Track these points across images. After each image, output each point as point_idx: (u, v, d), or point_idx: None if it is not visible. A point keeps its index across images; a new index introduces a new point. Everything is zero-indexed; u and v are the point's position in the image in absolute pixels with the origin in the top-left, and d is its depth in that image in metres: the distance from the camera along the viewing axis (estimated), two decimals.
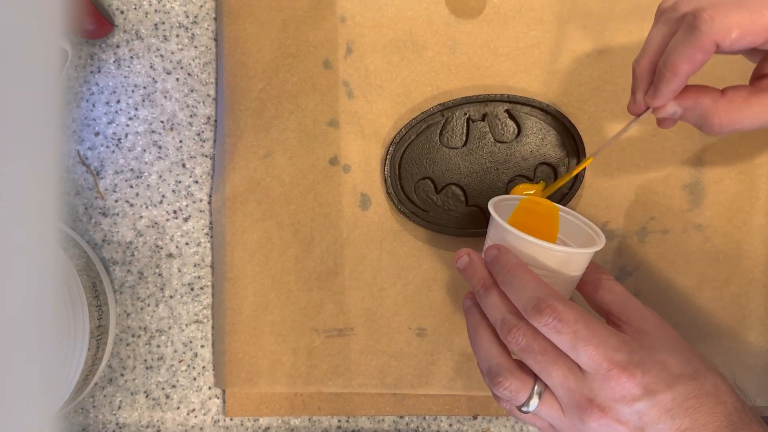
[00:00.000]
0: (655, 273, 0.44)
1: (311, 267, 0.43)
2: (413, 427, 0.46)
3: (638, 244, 0.43)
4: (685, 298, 0.44)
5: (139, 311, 0.45)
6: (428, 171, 0.42)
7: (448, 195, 0.43)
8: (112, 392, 0.45)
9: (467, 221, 0.43)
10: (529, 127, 0.42)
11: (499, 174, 0.42)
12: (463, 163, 0.42)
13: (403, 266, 0.43)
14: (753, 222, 0.43)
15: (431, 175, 0.42)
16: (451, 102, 0.42)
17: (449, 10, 0.42)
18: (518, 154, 0.42)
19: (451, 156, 0.42)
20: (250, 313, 0.43)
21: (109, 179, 0.44)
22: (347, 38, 0.43)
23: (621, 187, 0.43)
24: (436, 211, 0.42)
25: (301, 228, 0.43)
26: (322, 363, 0.43)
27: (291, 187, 0.43)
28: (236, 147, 0.43)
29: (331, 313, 0.43)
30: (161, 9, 0.44)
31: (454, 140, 0.42)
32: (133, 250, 0.44)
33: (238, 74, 0.42)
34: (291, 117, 0.43)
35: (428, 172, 0.42)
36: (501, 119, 0.42)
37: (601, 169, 0.43)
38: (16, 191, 0.17)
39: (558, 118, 0.42)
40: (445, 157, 0.42)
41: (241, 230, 0.43)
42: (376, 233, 0.43)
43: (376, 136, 0.43)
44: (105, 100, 0.44)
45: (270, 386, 0.43)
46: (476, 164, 0.42)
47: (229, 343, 0.43)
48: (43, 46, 0.18)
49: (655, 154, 0.43)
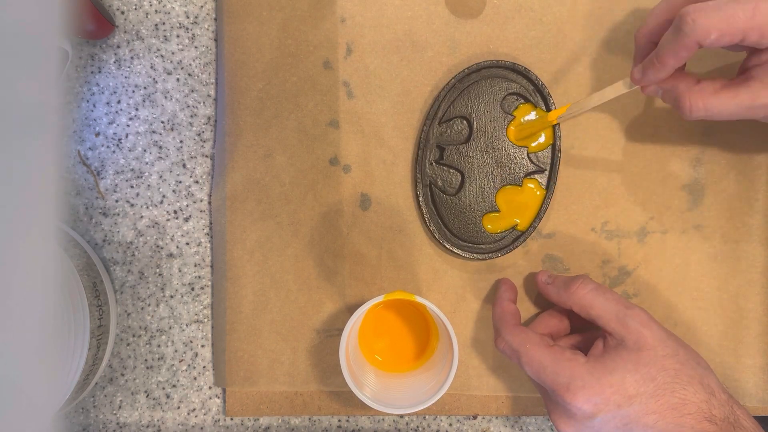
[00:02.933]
0: (655, 273, 0.44)
1: (311, 266, 0.43)
2: (413, 427, 0.46)
3: (638, 244, 0.44)
4: (684, 298, 0.44)
5: (140, 311, 0.45)
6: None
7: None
8: (113, 392, 0.45)
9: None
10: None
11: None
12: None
13: (403, 266, 0.43)
14: (752, 223, 0.43)
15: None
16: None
17: (449, 10, 0.43)
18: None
19: None
20: (250, 312, 0.43)
21: (109, 179, 0.44)
22: (347, 38, 0.43)
23: (620, 187, 0.43)
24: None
25: (300, 228, 0.43)
26: (321, 362, 0.44)
27: (291, 186, 0.43)
28: (236, 146, 0.43)
29: (331, 312, 0.43)
30: (162, 9, 0.44)
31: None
32: (133, 250, 0.44)
33: (238, 74, 0.42)
34: (291, 117, 0.43)
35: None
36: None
37: (601, 168, 0.43)
38: (17, 191, 0.17)
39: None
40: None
41: (240, 229, 0.43)
42: (375, 233, 0.43)
43: (376, 136, 0.43)
44: (105, 100, 0.44)
45: (269, 385, 0.43)
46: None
47: (229, 342, 0.43)
48: (43, 46, 0.18)
49: (654, 155, 0.43)
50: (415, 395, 0.38)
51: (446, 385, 0.37)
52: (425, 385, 0.39)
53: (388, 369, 0.42)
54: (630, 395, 0.35)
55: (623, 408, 0.35)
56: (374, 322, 0.43)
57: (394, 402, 0.37)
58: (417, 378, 0.40)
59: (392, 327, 0.43)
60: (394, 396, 0.39)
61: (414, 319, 0.43)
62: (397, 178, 0.43)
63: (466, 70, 0.42)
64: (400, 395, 0.39)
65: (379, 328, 0.43)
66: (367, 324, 0.43)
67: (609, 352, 0.36)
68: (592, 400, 0.35)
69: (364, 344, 0.43)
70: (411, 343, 0.43)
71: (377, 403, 0.37)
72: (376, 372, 0.41)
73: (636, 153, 0.43)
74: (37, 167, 0.18)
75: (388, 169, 0.43)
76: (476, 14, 0.43)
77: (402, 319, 0.43)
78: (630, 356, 0.36)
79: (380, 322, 0.43)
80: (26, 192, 0.17)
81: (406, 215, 0.43)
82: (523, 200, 0.43)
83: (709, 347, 0.43)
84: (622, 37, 0.43)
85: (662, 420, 0.35)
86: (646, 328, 0.36)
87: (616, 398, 0.35)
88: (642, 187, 0.43)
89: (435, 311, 0.37)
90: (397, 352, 0.43)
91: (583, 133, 0.43)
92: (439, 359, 0.40)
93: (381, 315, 0.43)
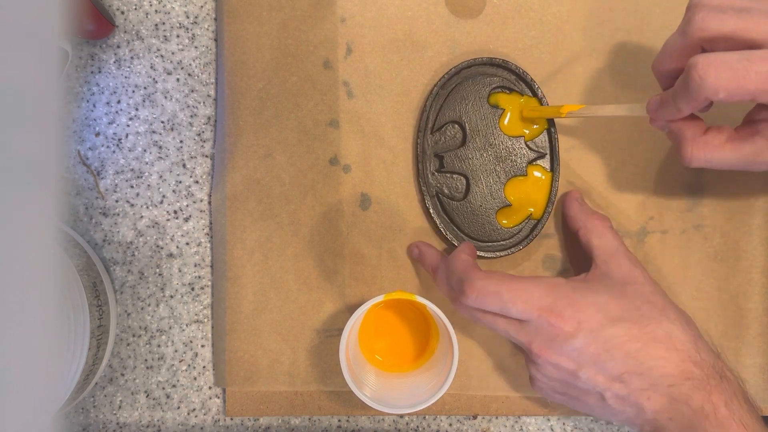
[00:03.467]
0: (655, 273, 0.44)
1: (311, 266, 0.43)
2: (413, 427, 0.46)
3: (638, 244, 0.44)
4: (684, 297, 0.44)
5: (140, 311, 0.45)
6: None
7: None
8: (113, 392, 0.45)
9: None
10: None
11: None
12: None
13: (403, 265, 0.43)
14: (752, 222, 0.43)
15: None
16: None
17: (449, 10, 0.43)
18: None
19: None
20: (250, 312, 0.43)
21: (109, 179, 0.44)
22: (347, 38, 0.43)
23: (620, 186, 0.43)
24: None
25: (300, 227, 0.43)
26: (321, 362, 0.44)
27: (291, 186, 0.43)
28: (236, 146, 0.43)
29: (331, 312, 0.43)
30: (162, 9, 0.44)
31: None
32: (133, 250, 0.44)
33: (238, 74, 0.42)
34: (291, 116, 0.43)
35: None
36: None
37: (601, 168, 0.43)
38: (17, 191, 0.17)
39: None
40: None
41: (240, 229, 0.43)
42: (376, 233, 0.43)
43: (376, 136, 0.43)
44: (105, 100, 0.44)
45: (269, 385, 0.43)
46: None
47: (229, 342, 0.43)
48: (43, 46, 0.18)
49: (654, 155, 0.43)
50: (415, 395, 0.38)
51: (446, 385, 0.37)
52: (425, 385, 0.39)
53: (388, 369, 0.42)
54: (613, 317, 0.34)
55: (606, 329, 0.33)
56: (374, 322, 0.43)
57: (394, 402, 0.37)
58: (417, 378, 0.41)
59: (392, 327, 0.43)
60: (394, 396, 0.39)
61: (414, 319, 0.43)
62: (397, 178, 0.43)
63: (446, 76, 0.42)
64: (400, 395, 0.39)
65: (380, 327, 0.43)
66: (367, 324, 0.43)
67: (594, 279, 0.36)
68: (575, 317, 0.34)
69: (364, 344, 0.43)
70: (411, 343, 0.43)
71: (377, 403, 0.37)
72: (376, 372, 0.41)
73: (636, 152, 0.43)
74: (37, 167, 0.18)
75: (388, 168, 0.43)
76: (476, 14, 0.43)
77: (402, 319, 0.43)
78: (615, 285, 0.35)
79: (380, 321, 0.43)
80: (26, 192, 0.17)
81: (406, 215, 0.43)
82: (532, 188, 0.43)
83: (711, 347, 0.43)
84: (622, 37, 0.43)
85: (644, 350, 0.33)
86: (637, 268, 0.36)
87: (599, 317, 0.34)
88: (642, 187, 0.43)
89: (435, 311, 0.37)
90: (397, 352, 0.43)
91: (583, 133, 0.43)
92: (440, 359, 0.40)
93: (381, 315, 0.43)
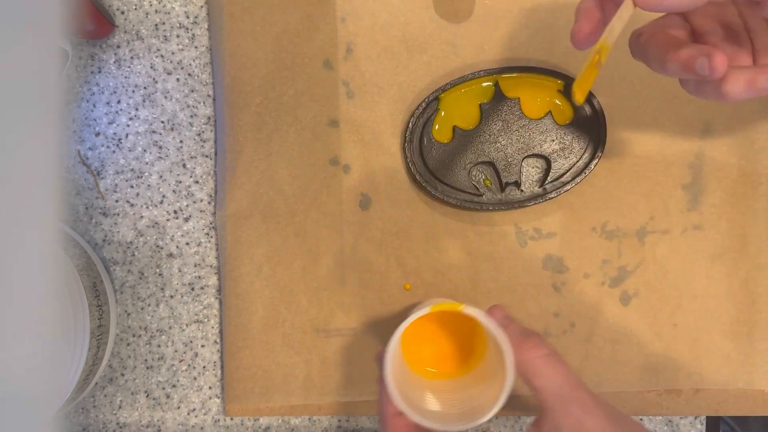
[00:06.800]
0: (655, 273, 0.44)
1: (319, 277, 0.43)
2: None
3: (638, 243, 0.44)
4: (695, 286, 0.44)
5: (140, 311, 0.45)
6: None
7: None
8: (113, 392, 0.45)
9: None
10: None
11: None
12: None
13: (412, 271, 0.43)
14: (757, 207, 0.43)
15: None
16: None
17: (438, 15, 0.43)
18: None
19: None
20: (261, 327, 0.43)
21: (109, 179, 0.44)
22: (347, 39, 0.43)
23: (621, 186, 0.43)
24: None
25: (306, 238, 0.43)
26: (336, 373, 0.44)
27: (294, 199, 0.43)
28: (237, 163, 0.43)
29: (342, 321, 0.43)
30: (162, 9, 0.44)
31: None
32: (133, 250, 0.44)
33: (235, 90, 0.42)
34: (290, 130, 0.43)
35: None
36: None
37: (601, 168, 0.43)
38: (17, 191, 0.17)
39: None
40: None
41: (247, 245, 0.43)
42: (376, 233, 0.43)
43: (376, 136, 0.43)
44: (105, 100, 0.44)
45: (285, 399, 0.43)
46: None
47: (242, 359, 0.43)
48: (43, 46, 0.18)
49: (655, 153, 0.43)
50: (474, 409, 0.35)
51: (503, 398, 0.33)
52: (479, 396, 0.36)
53: (441, 377, 0.39)
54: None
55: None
56: (413, 335, 0.40)
57: (456, 421, 0.34)
58: (470, 390, 0.37)
59: (434, 335, 0.40)
60: (452, 414, 0.36)
61: (454, 322, 0.40)
62: (397, 178, 0.43)
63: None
64: (456, 410, 0.36)
65: (421, 336, 0.40)
66: (408, 338, 0.39)
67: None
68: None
69: (410, 358, 0.39)
70: (456, 347, 0.40)
71: (441, 424, 0.34)
72: (431, 387, 0.38)
73: (636, 152, 0.43)
74: (37, 167, 0.18)
75: (389, 168, 0.43)
76: (467, 16, 0.43)
77: (441, 325, 0.40)
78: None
79: (421, 331, 0.40)
80: (26, 192, 0.17)
81: (407, 213, 0.43)
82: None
83: (723, 333, 0.44)
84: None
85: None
86: (588, 415, 0.32)
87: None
88: (642, 187, 0.43)
89: (484, 322, 0.33)
90: (443, 359, 0.40)
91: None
92: (489, 367, 0.37)
93: (420, 324, 0.39)
